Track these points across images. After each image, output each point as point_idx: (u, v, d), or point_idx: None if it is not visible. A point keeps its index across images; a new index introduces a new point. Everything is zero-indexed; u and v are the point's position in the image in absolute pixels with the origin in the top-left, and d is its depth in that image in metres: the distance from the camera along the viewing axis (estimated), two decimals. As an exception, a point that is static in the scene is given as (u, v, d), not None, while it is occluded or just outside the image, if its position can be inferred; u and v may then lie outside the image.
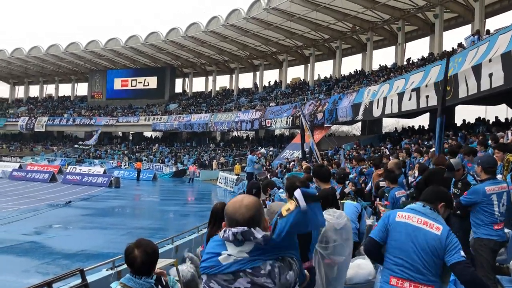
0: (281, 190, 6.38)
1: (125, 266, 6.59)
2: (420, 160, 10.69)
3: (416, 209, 3.19)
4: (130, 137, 56.82)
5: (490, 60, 15.16)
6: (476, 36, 20.09)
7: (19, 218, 15.03)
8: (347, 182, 7.72)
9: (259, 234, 2.01)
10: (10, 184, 28.20)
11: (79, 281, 5.00)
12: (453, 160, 6.51)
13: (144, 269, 2.77)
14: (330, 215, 3.73)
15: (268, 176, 18.44)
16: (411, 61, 30.06)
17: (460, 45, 22.41)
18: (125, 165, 43.82)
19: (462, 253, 3.00)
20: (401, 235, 3.12)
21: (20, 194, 22.73)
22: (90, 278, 5.25)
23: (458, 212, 5.34)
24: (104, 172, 33.40)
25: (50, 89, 65.73)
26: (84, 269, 5.13)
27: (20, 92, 67.06)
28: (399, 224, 3.15)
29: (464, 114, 24.34)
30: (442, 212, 3.23)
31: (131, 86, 57.00)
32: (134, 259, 2.75)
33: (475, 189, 4.91)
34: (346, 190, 6.31)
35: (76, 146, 51.78)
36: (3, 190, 23.98)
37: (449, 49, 26.31)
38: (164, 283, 2.88)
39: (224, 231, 2.06)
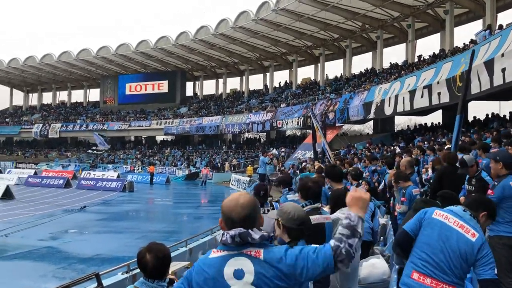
0: (287, 192, 6.33)
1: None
2: (433, 158, 10.58)
3: (455, 211, 3.18)
4: (143, 141, 57.19)
5: (502, 55, 14.99)
6: (487, 31, 19.88)
7: (35, 224, 15.21)
8: (361, 181, 7.69)
9: (256, 235, 2.03)
10: (26, 190, 28.54)
11: (95, 285, 5.05)
12: (466, 157, 6.45)
13: (156, 273, 2.80)
14: (343, 214, 3.72)
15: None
16: (422, 58, 29.80)
17: (472, 41, 22.16)
18: (138, 169, 44.12)
19: (496, 271, 3.01)
20: (433, 232, 3.13)
21: (36, 200, 22.99)
22: (105, 282, 5.30)
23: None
24: (118, 176, 33.66)
25: (63, 95, 66.66)
26: (100, 273, 5.18)
27: (33, 99, 68.04)
28: (434, 221, 3.16)
29: (478, 110, 24.05)
30: (483, 221, 3.22)
31: (142, 90, 57.41)
32: (146, 264, 2.78)
33: (504, 184, 4.74)
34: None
35: (89, 151, 52.32)
36: (20, 196, 24.27)
37: (460, 45, 26.04)
38: None
39: (222, 235, 2.08)
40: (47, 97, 67.31)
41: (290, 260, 2.03)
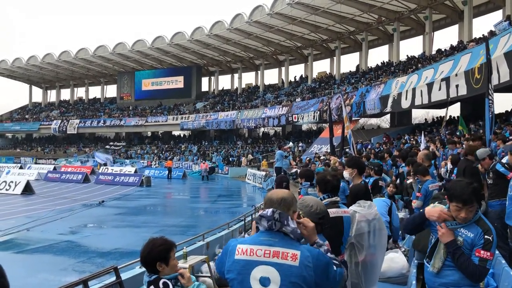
0: (308, 186, 6.31)
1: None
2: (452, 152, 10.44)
3: None
4: (160, 136, 57.60)
5: (523, 46, 14.67)
6: (507, 22, 19.46)
7: (55, 218, 15.44)
8: (385, 185, 7.62)
9: (292, 224, 2.15)
10: (46, 185, 29.02)
11: (113, 278, 5.11)
12: (478, 150, 6.37)
13: (146, 266, 2.82)
14: (360, 206, 3.70)
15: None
16: (442, 50, 29.31)
17: (492, 33, 21.70)
18: (155, 164, 44.49)
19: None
20: None
21: (55, 195, 23.36)
22: (124, 276, 5.35)
23: None
24: (135, 171, 34.01)
25: (80, 92, 67.48)
26: (118, 267, 5.24)
27: (52, 96, 68.98)
28: None
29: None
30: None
31: (159, 86, 57.76)
32: (140, 257, 2.85)
33: None
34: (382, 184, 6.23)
35: (107, 147, 52.88)
36: (39, 191, 24.69)
37: (479, 36, 25.55)
38: (160, 286, 2.71)
39: (263, 210, 2.22)
40: (65, 94, 68.36)
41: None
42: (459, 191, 2.90)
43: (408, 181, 7.98)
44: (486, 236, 2.90)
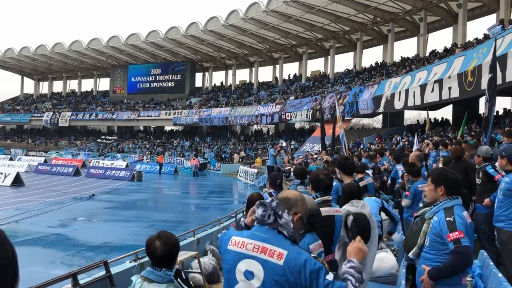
0: (298, 183, 6.33)
1: (148, 258, 6.68)
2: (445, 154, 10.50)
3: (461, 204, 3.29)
4: (152, 131, 57.38)
5: (516, 50, 14.77)
6: (500, 26, 19.59)
7: (45, 211, 15.36)
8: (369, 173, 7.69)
9: (287, 217, 2.13)
10: (36, 177, 28.83)
11: (103, 272, 5.10)
12: (485, 148, 6.47)
13: (163, 261, 2.81)
14: (353, 206, 3.72)
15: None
16: (435, 52, 29.46)
17: (486, 37, 21.85)
18: (147, 159, 44.34)
19: None
20: (471, 237, 3.21)
21: (46, 188, 23.21)
22: (113, 270, 5.34)
23: None
24: (127, 166, 33.87)
25: (73, 84, 67.04)
26: (108, 261, 5.23)
27: (44, 88, 68.44)
28: (470, 226, 3.23)
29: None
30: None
31: (152, 80, 57.52)
32: (154, 250, 2.80)
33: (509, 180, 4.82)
34: (362, 183, 6.26)
35: (99, 140, 52.61)
36: (29, 183, 24.53)
37: (473, 39, 25.70)
38: (184, 276, 2.90)
39: (257, 206, 2.22)
40: (58, 86, 67.84)
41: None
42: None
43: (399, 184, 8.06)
44: (447, 219, 3.08)
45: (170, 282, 2.79)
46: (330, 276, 2.06)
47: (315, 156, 21.97)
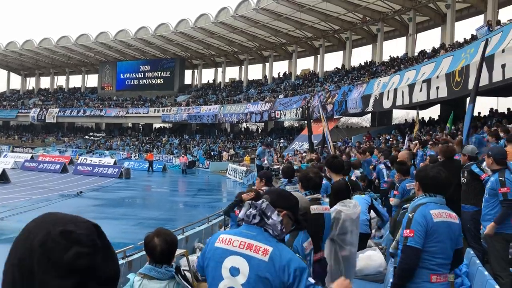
0: (286, 183, 6.35)
1: (136, 256, 6.65)
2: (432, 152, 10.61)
3: (438, 203, 3.13)
4: (140, 128, 57.03)
5: (503, 51, 14.97)
6: (487, 27, 19.81)
7: (31, 208, 15.18)
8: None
9: (276, 218, 2.12)
10: (22, 174, 28.52)
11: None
12: (470, 147, 6.53)
13: (163, 257, 2.81)
14: (345, 206, 3.74)
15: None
16: (424, 52, 29.71)
17: (474, 37, 22.08)
18: (135, 156, 44.09)
19: None
20: (442, 236, 3.03)
21: (32, 184, 22.98)
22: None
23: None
24: (115, 163, 33.65)
25: (61, 80, 66.23)
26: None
27: (31, 83, 67.57)
28: (437, 225, 3.02)
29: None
30: None
31: (141, 77, 57.16)
32: (153, 247, 2.79)
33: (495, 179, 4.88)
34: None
35: (86, 137, 52.17)
36: (16, 180, 24.25)
37: (461, 39, 25.98)
38: (182, 273, 2.91)
39: (244, 206, 2.24)
40: (45, 82, 67.02)
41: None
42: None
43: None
44: (408, 215, 3.09)
45: (172, 279, 2.78)
46: (312, 280, 2.10)
47: (304, 154, 22.04)
